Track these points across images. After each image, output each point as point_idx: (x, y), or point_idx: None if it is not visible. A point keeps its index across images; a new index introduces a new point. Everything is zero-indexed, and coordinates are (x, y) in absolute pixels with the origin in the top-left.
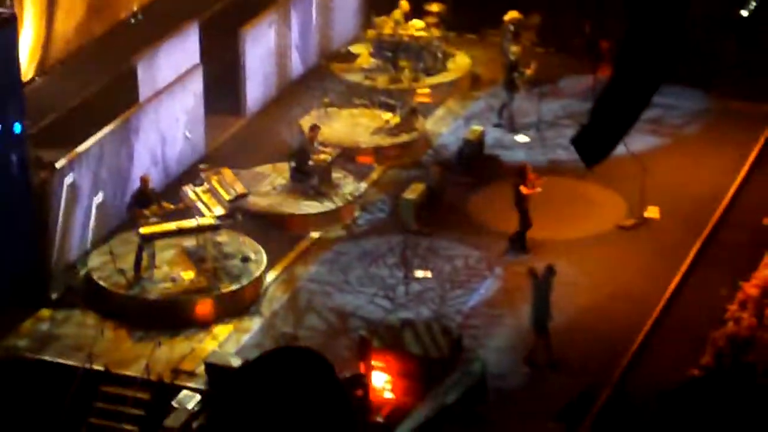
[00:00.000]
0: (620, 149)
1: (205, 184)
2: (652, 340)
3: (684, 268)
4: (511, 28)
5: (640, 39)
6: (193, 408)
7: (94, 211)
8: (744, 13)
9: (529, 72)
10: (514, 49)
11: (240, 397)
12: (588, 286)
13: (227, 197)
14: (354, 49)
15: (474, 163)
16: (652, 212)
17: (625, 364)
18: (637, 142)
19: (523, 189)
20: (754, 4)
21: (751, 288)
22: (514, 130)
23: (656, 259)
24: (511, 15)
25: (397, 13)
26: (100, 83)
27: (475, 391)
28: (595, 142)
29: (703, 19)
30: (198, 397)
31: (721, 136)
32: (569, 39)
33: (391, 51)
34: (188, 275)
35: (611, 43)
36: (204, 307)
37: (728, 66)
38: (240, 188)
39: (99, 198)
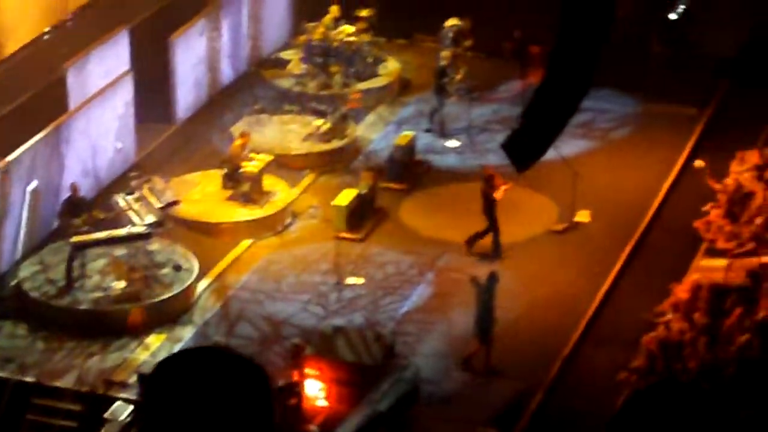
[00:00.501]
0: (551, 153)
1: (136, 192)
2: (584, 344)
3: (615, 272)
4: (450, 34)
5: (569, 44)
6: (126, 419)
7: (24, 220)
8: (672, 16)
9: (458, 77)
10: (444, 54)
11: (166, 400)
12: (521, 291)
13: (158, 205)
14: (285, 55)
15: (405, 169)
16: (582, 216)
17: (558, 369)
18: (568, 146)
19: (496, 195)
20: (682, 7)
21: (681, 292)
22: (445, 135)
23: (588, 263)
24: (452, 21)
25: (328, 19)
26: (29, 91)
27: (408, 397)
28: (525, 147)
29: (632, 22)
30: (131, 408)
31: (651, 139)
32: (499, 44)
33: (322, 57)
34: (120, 284)
35: (541, 48)
36: (136, 316)
37: (657, 69)
38: (171, 196)
39: (29, 207)
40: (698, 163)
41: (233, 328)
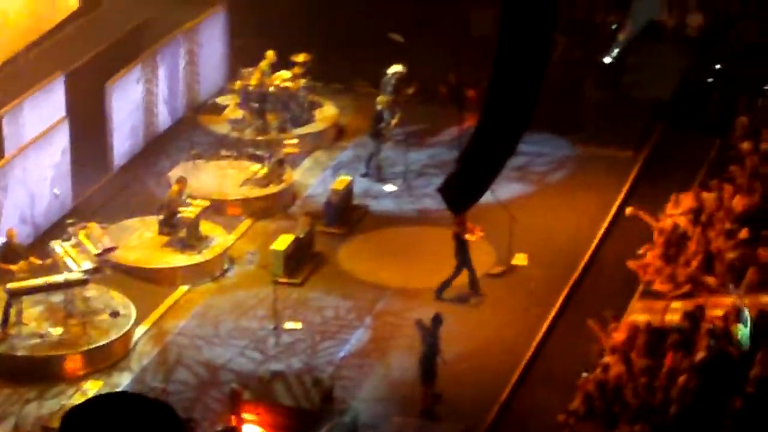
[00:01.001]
0: (487, 197)
1: (73, 238)
2: (523, 386)
3: (553, 314)
4: (392, 81)
5: (504, 87)
6: None
7: None
8: (607, 59)
9: (394, 122)
10: (380, 99)
11: None
12: (459, 334)
13: (95, 251)
14: (221, 100)
15: (342, 213)
16: (520, 259)
17: (497, 411)
18: (504, 189)
19: (465, 236)
20: (617, 50)
21: (618, 334)
22: (382, 179)
23: (525, 306)
24: (394, 68)
25: (264, 64)
26: None
27: None
28: (461, 191)
29: (567, 65)
30: None
31: (587, 182)
32: (435, 88)
33: (258, 102)
34: (57, 331)
35: (477, 92)
36: (73, 362)
37: (593, 112)
38: (108, 242)
39: None
40: (629, 210)
41: (171, 374)
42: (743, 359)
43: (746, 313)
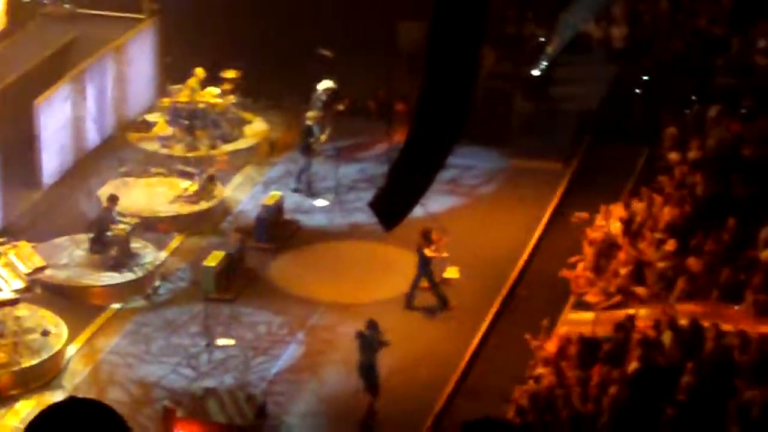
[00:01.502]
0: (418, 211)
1: (2, 257)
2: (456, 398)
3: (485, 326)
4: (323, 97)
5: (433, 100)
6: None
7: None
8: (535, 72)
9: (324, 137)
10: (310, 114)
11: None
12: (393, 347)
13: (25, 270)
14: (150, 117)
15: (273, 229)
16: (451, 272)
17: (431, 424)
18: (435, 203)
19: (428, 251)
20: (544, 63)
21: (550, 346)
22: (313, 194)
23: (458, 319)
24: (325, 84)
25: (193, 81)
26: None
27: None
28: (392, 205)
29: (496, 78)
30: None
31: (518, 194)
32: (364, 102)
33: (188, 119)
34: None
35: (406, 106)
36: (5, 382)
37: (522, 125)
38: (38, 261)
39: None
40: (576, 216)
41: (103, 393)
42: (674, 368)
43: (677, 322)
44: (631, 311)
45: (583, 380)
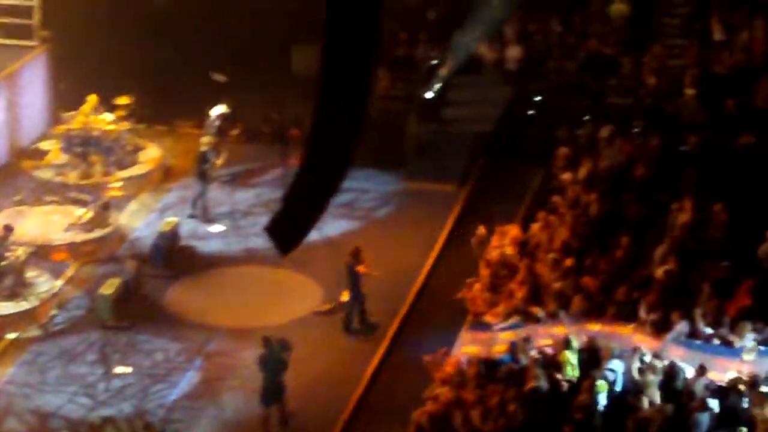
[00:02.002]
0: (314, 235)
1: None
2: (356, 422)
3: (383, 348)
4: (217, 122)
5: (326, 124)
6: None
7: None
8: (429, 94)
9: (219, 162)
10: (204, 140)
11: None
12: (289, 373)
13: None
14: (44, 145)
15: (170, 255)
16: (347, 296)
17: None
18: (331, 226)
19: (360, 269)
20: (438, 85)
21: (448, 366)
22: (209, 220)
23: (355, 342)
24: (218, 109)
25: (86, 108)
26: None
27: None
28: (288, 229)
29: (389, 101)
30: None
31: (414, 216)
32: (258, 128)
33: (82, 146)
34: None
35: (299, 130)
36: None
37: (416, 147)
38: None
39: None
40: (480, 231)
41: (0, 423)
42: (571, 387)
43: (574, 341)
44: (528, 331)
45: (481, 400)
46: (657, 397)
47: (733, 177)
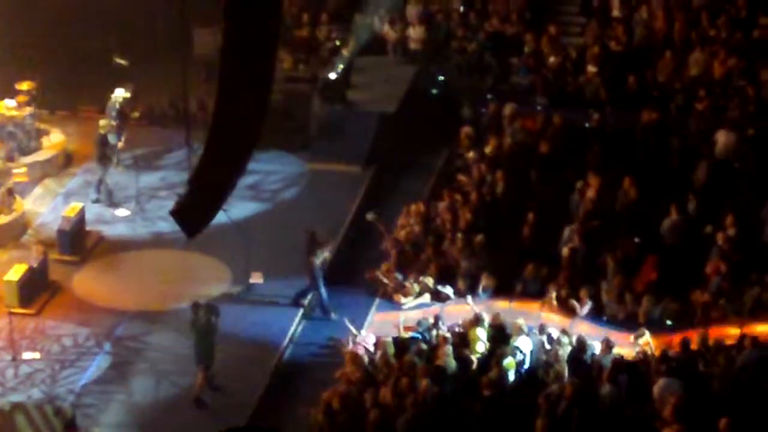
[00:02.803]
0: (221, 217)
1: None
2: (268, 405)
3: (291, 330)
4: (117, 106)
5: (229, 106)
6: None
7: None
8: (332, 75)
9: (120, 145)
10: (102, 123)
11: None
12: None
13: None
14: None
15: (75, 240)
16: (256, 278)
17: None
18: (237, 209)
19: (316, 254)
20: (341, 66)
21: (358, 347)
22: (114, 204)
23: (265, 323)
24: (118, 93)
25: None
26: None
27: None
28: (194, 212)
29: (292, 82)
30: None
31: (320, 197)
32: (162, 110)
33: None
34: None
35: (204, 112)
36: None
37: (320, 128)
38: None
39: None
40: (369, 216)
41: None
42: (481, 364)
43: (484, 318)
44: (437, 309)
45: (392, 379)
46: (566, 373)
47: (636, 153)
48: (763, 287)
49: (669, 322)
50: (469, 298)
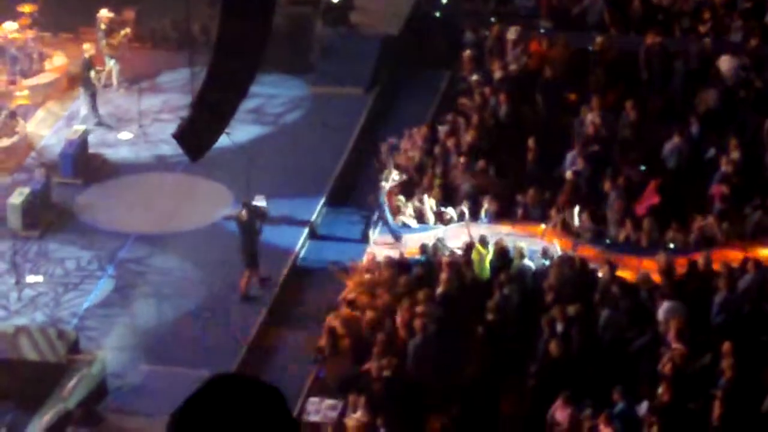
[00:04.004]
0: (223, 140)
1: None
2: (271, 328)
3: (292, 256)
4: (103, 26)
5: (232, 30)
6: None
7: None
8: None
9: (105, 69)
10: (86, 46)
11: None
12: (203, 278)
13: None
14: None
15: (79, 163)
16: (259, 200)
17: (245, 355)
18: (240, 132)
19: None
20: None
21: (360, 270)
22: (102, 125)
23: (266, 248)
24: (102, 13)
25: None
26: None
27: (95, 393)
28: (197, 135)
29: (295, 5)
30: None
31: (323, 121)
32: (164, 34)
33: None
34: None
35: (208, 37)
36: None
37: (323, 51)
38: None
39: None
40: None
41: None
42: (483, 288)
43: (488, 241)
44: (440, 232)
45: (395, 302)
46: (567, 296)
47: (639, 77)
48: (765, 211)
49: (671, 246)
50: (471, 221)
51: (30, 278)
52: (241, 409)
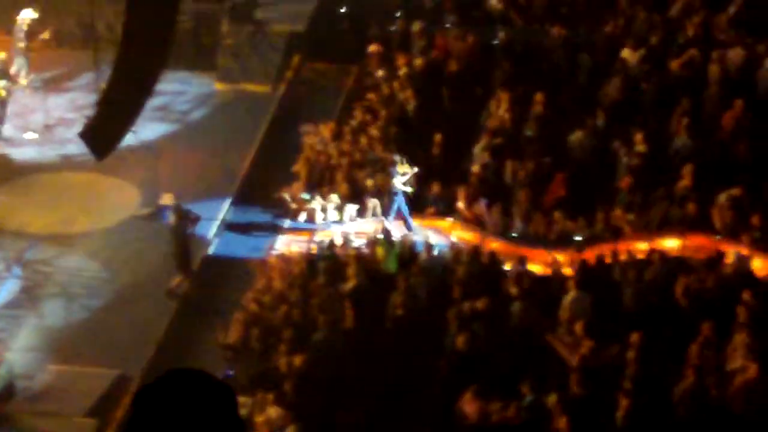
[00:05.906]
0: (130, 139)
1: None
2: (181, 326)
3: (204, 252)
4: (24, 27)
5: (137, 27)
6: None
7: None
8: None
9: (17, 69)
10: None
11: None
12: (109, 278)
13: None
14: None
15: None
16: (167, 199)
17: (154, 354)
18: (147, 130)
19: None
20: None
21: (270, 266)
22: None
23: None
24: (24, 15)
25: None
26: None
27: (4, 394)
28: (103, 134)
29: (200, 2)
30: None
31: (229, 118)
32: (71, 31)
33: None
34: None
35: (113, 34)
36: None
37: (229, 47)
38: None
39: None
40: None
41: None
42: (390, 283)
43: (394, 236)
44: (346, 228)
45: (305, 297)
46: (475, 290)
47: (545, 70)
48: (671, 202)
49: (578, 238)
50: (378, 216)
51: None
52: (196, 400)
